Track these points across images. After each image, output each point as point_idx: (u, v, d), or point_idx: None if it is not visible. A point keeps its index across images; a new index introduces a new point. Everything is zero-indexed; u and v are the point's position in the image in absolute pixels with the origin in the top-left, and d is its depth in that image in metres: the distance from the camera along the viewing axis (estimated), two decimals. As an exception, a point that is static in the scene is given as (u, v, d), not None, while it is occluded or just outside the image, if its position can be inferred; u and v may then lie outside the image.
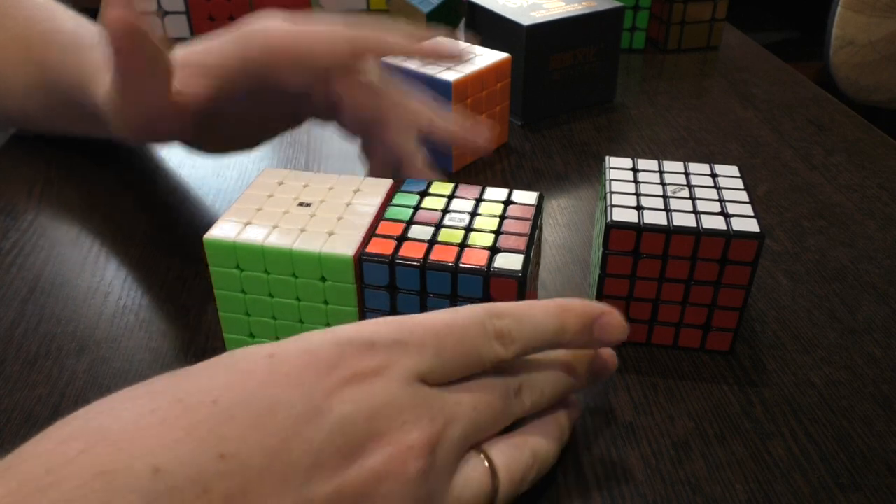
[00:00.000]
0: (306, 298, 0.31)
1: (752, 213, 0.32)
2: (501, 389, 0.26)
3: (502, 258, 0.29)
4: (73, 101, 0.43)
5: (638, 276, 0.33)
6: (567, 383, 0.29)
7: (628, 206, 0.33)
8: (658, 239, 0.32)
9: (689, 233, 0.31)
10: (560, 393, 0.28)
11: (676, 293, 0.33)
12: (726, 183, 0.35)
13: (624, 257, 0.33)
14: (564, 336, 0.27)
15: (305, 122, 0.43)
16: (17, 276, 0.40)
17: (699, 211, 0.32)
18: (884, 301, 0.39)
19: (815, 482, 0.29)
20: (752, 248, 0.31)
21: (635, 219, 0.32)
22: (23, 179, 0.50)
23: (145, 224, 0.45)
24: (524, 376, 0.27)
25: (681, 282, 0.33)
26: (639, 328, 0.35)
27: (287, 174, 0.35)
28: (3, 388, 0.33)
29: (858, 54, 1.24)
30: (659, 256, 0.32)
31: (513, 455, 0.26)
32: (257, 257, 0.31)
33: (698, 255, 0.32)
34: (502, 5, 0.57)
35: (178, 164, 0.52)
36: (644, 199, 0.33)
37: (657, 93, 0.64)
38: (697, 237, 0.31)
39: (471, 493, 0.24)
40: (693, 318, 0.34)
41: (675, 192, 0.34)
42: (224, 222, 0.31)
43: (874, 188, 0.50)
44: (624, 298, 0.34)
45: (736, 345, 0.35)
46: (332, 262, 0.30)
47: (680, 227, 0.31)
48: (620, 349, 0.35)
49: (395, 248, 0.30)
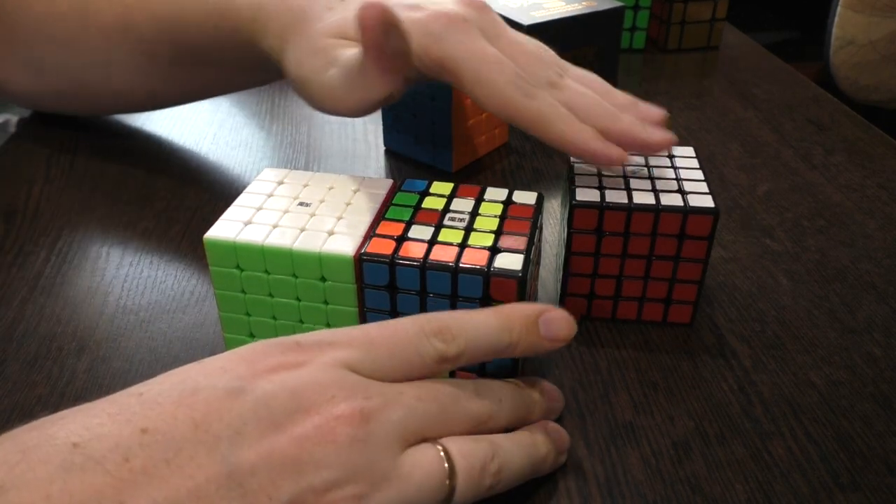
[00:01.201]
0: (306, 298, 0.31)
1: (707, 190, 0.34)
2: (451, 389, 0.26)
3: (502, 258, 0.29)
4: (241, 44, 0.42)
5: (602, 254, 0.34)
6: (526, 400, 0.28)
7: (591, 186, 0.34)
8: (619, 217, 0.33)
9: (649, 210, 0.33)
10: (520, 409, 0.28)
11: (638, 268, 0.35)
12: (683, 163, 0.37)
13: (588, 236, 0.34)
14: (511, 335, 0.27)
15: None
16: (17, 276, 0.40)
17: (658, 190, 0.34)
18: (884, 301, 0.39)
19: (815, 482, 0.29)
20: (707, 223, 0.33)
21: (598, 198, 0.33)
22: (23, 179, 0.50)
23: (145, 223, 0.45)
24: (479, 381, 0.27)
25: (642, 257, 0.34)
26: (604, 304, 0.36)
27: (287, 174, 0.35)
28: (3, 388, 0.33)
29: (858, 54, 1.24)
30: (621, 234, 0.34)
31: (469, 445, 0.25)
32: (257, 257, 0.31)
33: (658, 230, 0.33)
34: (502, 5, 0.57)
35: (179, 163, 0.52)
36: (606, 180, 0.35)
37: (657, 93, 0.64)
38: (657, 214, 0.33)
39: (423, 473, 0.24)
40: (655, 292, 0.35)
41: (635, 172, 0.36)
42: (224, 222, 0.31)
43: (874, 188, 0.50)
44: (589, 276, 0.35)
45: (736, 344, 0.35)
46: (333, 262, 0.30)
47: (640, 205, 0.33)
48: (617, 344, 0.35)
49: (395, 247, 0.30)
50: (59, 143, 0.54)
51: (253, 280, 0.31)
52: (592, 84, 0.37)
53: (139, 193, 0.48)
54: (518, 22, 0.53)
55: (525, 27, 0.53)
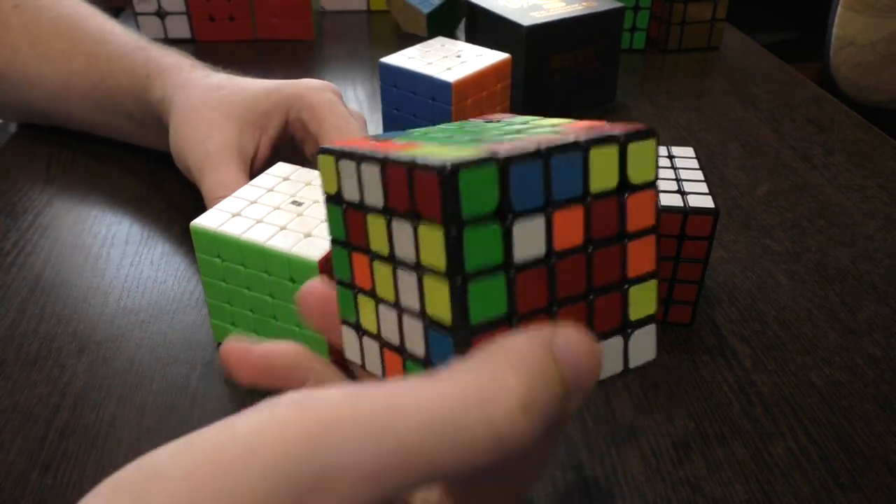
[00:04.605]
0: (278, 297, 0.32)
1: (707, 190, 0.34)
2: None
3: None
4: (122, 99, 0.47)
5: None
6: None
7: None
8: None
9: None
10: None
11: None
12: (683, 163, 0.37)
13: None
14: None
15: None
16: (18, 276, 0.40)
17: (658, 190, 0.34)
18: (884, 301, 0.39)
19: (815, 482, 0.29)
20: (707, 224, 0.33)
21: None
22: (23, 179, 0.50)
23: (146, 223, 0.45)
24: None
25: None
26: None
27: (296, 170, 0.35)
28: (3, 388, 0.33)
29: (859, 54, 1.24)
30: None
31: None
32: (234, 249, 0.31)
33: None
34: (502, 6, 0.57)
35: (179, 164, 0.52)
36: None
37: (657, 93, 0.64)
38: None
39: None
40: None
41: None
42: (213, 211, 0.32)
43: (874, 188, 0.50)
44: None
45: (736, 344, 0.35)
46: (299, 265, 0.30)
47: None
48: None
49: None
50: (59, 143, 0.54)
51: (232, 271, 0.32)
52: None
53: (139, 193, 0.48)
54: (518, 23, 0.53)
55: (525, 28, 0.53)
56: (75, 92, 0.50)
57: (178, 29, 0.73)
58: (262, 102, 0.41)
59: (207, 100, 0.41)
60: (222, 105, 0.41)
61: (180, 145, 0.41)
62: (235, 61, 0.70)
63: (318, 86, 0.42)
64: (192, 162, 0.40)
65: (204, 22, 0.72)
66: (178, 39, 0.73)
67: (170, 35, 0.73)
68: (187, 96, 0.42)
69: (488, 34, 0.58)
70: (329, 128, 0.39)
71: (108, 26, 0.51)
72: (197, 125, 0.40)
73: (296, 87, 0.42)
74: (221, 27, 0.73)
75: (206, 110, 0.41)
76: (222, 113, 0.41)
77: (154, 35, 0.73)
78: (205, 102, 0.41)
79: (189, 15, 0.72)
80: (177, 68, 0.45)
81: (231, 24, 0.73)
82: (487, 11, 0.58)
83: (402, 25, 0.76)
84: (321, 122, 0.40)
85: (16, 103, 0.54)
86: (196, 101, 0.41)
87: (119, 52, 0.48)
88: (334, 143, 0.19)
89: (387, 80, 0.50)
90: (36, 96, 0.52)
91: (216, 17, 0.72)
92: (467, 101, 0.48)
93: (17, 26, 0.51)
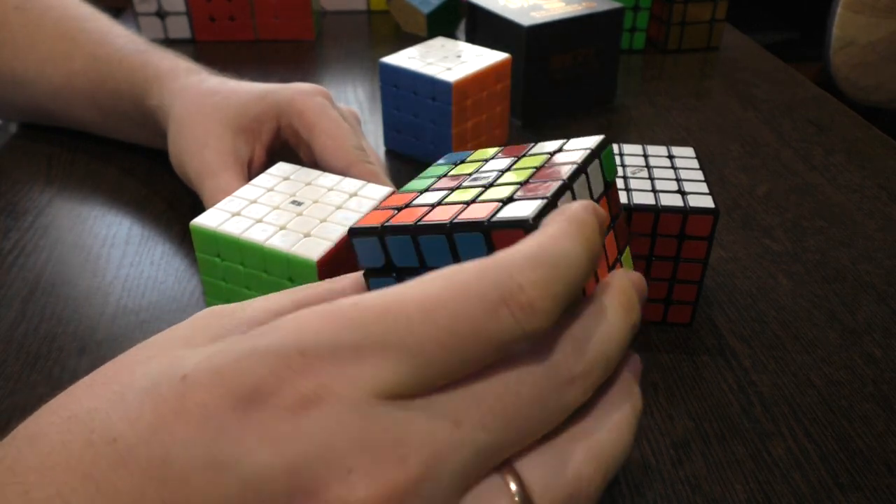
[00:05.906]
0: None
1: (707, 190, 0.34)
2: (537, 383, 0.18)
3: (513, 207, 0.20)
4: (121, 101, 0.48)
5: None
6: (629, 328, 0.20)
7: None
8: None
9: (649, 210, 0.33)
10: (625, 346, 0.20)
11: (638, 269, 0.35)
12: (683, 164, 0.37)
13: None
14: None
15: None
16: (18, 276, 0.40)
17: (658, 190, 0.34)
18: (884, 301, 0.39)
19: (815, 482, 0.29)
20: (707, 224, 0.33)
21: None
22: (23, 179, 0.50)
23: (146, 223, 0.45)
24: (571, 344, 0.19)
25: (642, 258, 0.34)
26: None
27: (296, 170, 0.35)
28: (3, 388, 0.33)
29: (858, 55, 1.24)
30: None
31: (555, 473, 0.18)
32: (234, 248, 0.31)
33: (658, 231, 0.34)
34: (502, 6, 0.57)
35: (179, 164, 0.52)
36: None
37: (657, 93, 0.64)
38: (656, 214, 0.33)
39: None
40: (655, 292, 0.36)
41: (635, 173, 0.36)
42: (214, 210, 0.32)
43: (874, 188, 0.50)
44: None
45: (736, 344, 0.35)
46: (298, 265, 0.30)
47: (640, 206, 0.33)
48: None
49: (390, 217, 0.22)
50: (59, 143, 0.54)
51: (231, 271, 0.32)
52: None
53: (139, 193, 0.48)
54: (518, 23, 0.53)
55: (525, 28, 0.53)
56: (76, 92, 0.50)
57: (178, 29, 0.73)
58: (252, 107, 0.42)
59: (202, 107, 0.42)
60: (216, 112, 0.41)
61: (179, 156, 0.42)
62: (236, 62, 0.70)
63: (307, 90, 0.42)
64: (191, 171, 0.40)
65: (204, 22, 0.73)
66: (179, 40, 0.73)
67: (170, 35, 0.73)
68: (183, 105, 0.42)
69: (488, 34, 0.58)
70: (320, 133, 0.40)
71: (109, 28, 0.51)
72: (193, 135, 0.41)
73: (285, 92, 0.42)
74: (222, 27, 0.73)
75: (201, 118, 0.41)
76: (217, 120, 0.41)
77: (154, 35, 0.73)
78: (199, 110, 0.42)
79: (189, 15, 0.72)
80: (173, 73, 0.45)
81: (231, 25, 0.73)
82: (487, 11, 0.58)
83: (403, 25, 0.76)
84: (312, 129, 0.40)
85: (17, 103, 0.54)
86: (191, 109, 0.42)
87: (119, 54, 0.48)
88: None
89: (387, 80, 0.50)
90: (37, 96, 0.52)
91: (216, 17, 0.72)
92: (467, 101, 0.48)
93: (18, 27, 0.51)
